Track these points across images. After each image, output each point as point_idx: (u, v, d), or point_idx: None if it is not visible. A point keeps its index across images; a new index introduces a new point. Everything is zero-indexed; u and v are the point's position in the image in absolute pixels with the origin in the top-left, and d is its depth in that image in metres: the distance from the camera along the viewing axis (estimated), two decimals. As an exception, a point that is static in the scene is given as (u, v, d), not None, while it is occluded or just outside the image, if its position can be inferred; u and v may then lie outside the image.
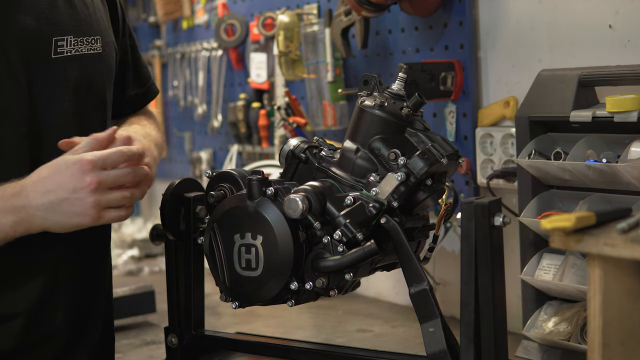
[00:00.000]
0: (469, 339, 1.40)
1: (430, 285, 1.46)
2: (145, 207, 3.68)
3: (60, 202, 1.39)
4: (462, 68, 2.06)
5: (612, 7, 1.79)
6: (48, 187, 1.39)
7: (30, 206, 1.39)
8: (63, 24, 1.53)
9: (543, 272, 1.78)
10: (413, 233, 1.58)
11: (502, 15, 2.02)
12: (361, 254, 1.45)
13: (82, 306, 1.60)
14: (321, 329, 2.15)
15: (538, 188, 1.79)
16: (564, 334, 1.71)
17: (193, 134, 3.22)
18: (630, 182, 1.61)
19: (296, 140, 1.62)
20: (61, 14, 1.53)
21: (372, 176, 1.52)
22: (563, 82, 1.74)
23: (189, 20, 3.13)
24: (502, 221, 1.40)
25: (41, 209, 1.39)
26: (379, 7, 2.06)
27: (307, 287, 1.49)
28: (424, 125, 1.58)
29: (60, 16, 1.53)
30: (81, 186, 1.38)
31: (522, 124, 1.78)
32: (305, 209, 1.46)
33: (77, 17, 1.55)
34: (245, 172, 1.59)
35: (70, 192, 1.38)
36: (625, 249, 1.12)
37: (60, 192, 1.39)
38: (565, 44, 1.89)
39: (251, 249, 1.50)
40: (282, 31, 2.46)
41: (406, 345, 1.96)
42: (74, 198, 1.39)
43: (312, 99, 2.44)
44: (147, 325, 2.25)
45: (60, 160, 1.41)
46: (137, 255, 3.12)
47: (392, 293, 2.37)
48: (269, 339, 1.76)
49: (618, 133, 1.67)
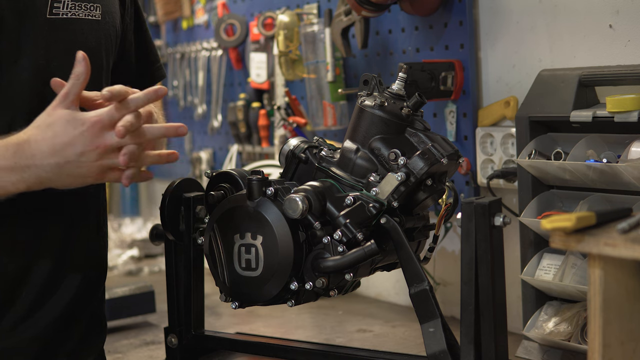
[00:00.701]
0: (469, 339, 1.40)
1: (430, 286, 1.45)
2: (145, 207, 3.68)
3: (66, 164, 1.36)
4: (462, 68, 2.06)
5: (613, 6, 1.79)
6: (54, 147, 1.35)
7: (35, 165, 1.36)
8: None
9: (543, 272, 1.78)
10: (413, 233, 1.58)
11: (503, 15, 2.01)
12: (361, 254, 1.44)
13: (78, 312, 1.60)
14: (321, 329, 2.15)
15: (538, 188, 1.79)
16: (565, 334, 1.71)
17: (193, 134, 3.22)
18: (630, 182, 1.61)
19: (296, 140, 1.62)
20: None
21: (372, 176, 1.52)
22: (563, 82, 1.74)
23: (188, 20, 3.13)
24: (502, 221, 1.40)
25: (46, 169, 1.36)
26: (379, 6, 2.06)
27: (307, 287, 1.49)
28: (424, 125, 1.58)
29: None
30: (89, 149, 1.35)
31: (523, 124, 1.78)
32: (305, 209, 1.45)
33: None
34: (245, 172, 1.59)
35: (77, 155, 1.36)
36: (625, 249, 1.11)
37: (67, 154, 1.36)
38: (566, 44, 1.89)
39: (251, 249, 1.50)
40: (282, 31, 2.46)
41: (406, 346, 1.96)
42: (80, 161, 1.36)
43: (312, 98, 2.43)
44: (146, 326, 2.24)
45: (64, 117, 1.37)
46: (136, 256, 3.11)
47: (392, 293, 2.37)
48: (268, 339, 1.76)
49: (618, 133, 1.67)
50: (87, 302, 1.61)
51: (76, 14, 1.54)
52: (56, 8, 1.51)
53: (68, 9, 1.53)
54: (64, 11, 1.53)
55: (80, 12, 1.55)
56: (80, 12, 1.55)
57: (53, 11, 1.51)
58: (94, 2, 1.57)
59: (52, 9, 1.51)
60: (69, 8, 1.53)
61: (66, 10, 1.53)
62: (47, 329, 1.54)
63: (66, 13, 1.53)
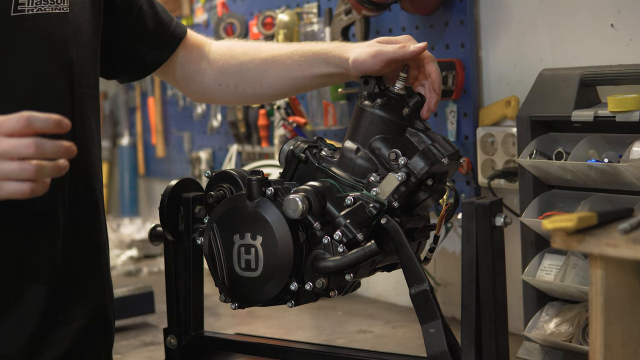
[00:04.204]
0: (470, 340, 1.40)
1: (431, 286, 1.45)
2: (144, 207, 3.68)
3: None
4: (463, 67, 2.05)
5: (614, 5, 1.78)
6: None
7: None
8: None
9: (544, 273, 1.77)
10: (414, 233, 1.57)
11: (504, 14, 2.01)
12: (361, 254, 1.44)
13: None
14: (321, 329, 2.14)
15: (539, 188, 1.79)
16: (566, 335, 1.70)
17: (192, 134, 3.22)
18: (632, 182, 1.60)
19: (296, 140, 1.61)
20: None
21: (373, 176, 1.51)
22: (565, 82, 1.73)
23: (188, 19, 3.13)
24: (503, 221, 1.40)
25: None
26: (380, 6, 2.06)
27: (307, 288, 1.48)
28: (424, 124, 1.57)
29: None
30: None
31: (524, 124, 1.77)
32: (305, 209, 1.45)
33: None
34: (244, 172, 1.58)
35: None
36: (627, 250, 1.11)
37: None
38: (567, 43, 1.88)
39: (251, 250, 1.49)
40: (282, 30, 2.46)
41: (407, 346, 1.95)
42: None
43: (312, 98, 2.43)
44: (146, 326, 2.24)
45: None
46: (136, 256, 3.11)
47: (392, 294, 2.36)
48: (268, 340, 1.75)
49: (620, 133, 1.67)
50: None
51: (42, 8, 1.50)
52: (21, 5, 1.47)
53: (34, 5, 1.49)
54: (30, 7, 1.48)
55: (46, 7, 1.50)
56: (46, 6, 1.50)
57: (18, 8, 1.47)
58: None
59: (17, 6, 1.47)
60: (34, 4, 1.49)
61: (32, 6, 1.48)
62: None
63: (32, 9, 1.48)
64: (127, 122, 3.68)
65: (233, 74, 1.80)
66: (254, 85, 1.78)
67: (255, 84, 1.78)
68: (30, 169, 1.28)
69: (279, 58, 1.74)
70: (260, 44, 1.82)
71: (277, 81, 1.76)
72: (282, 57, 1.74)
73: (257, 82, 1.78)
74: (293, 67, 1.72)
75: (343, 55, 1.64)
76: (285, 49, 1.75)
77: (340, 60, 1.65)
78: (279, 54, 1.75)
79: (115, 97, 3.78)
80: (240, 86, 1.80)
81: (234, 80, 1.80)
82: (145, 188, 3.68)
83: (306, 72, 1.71)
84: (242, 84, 1.79)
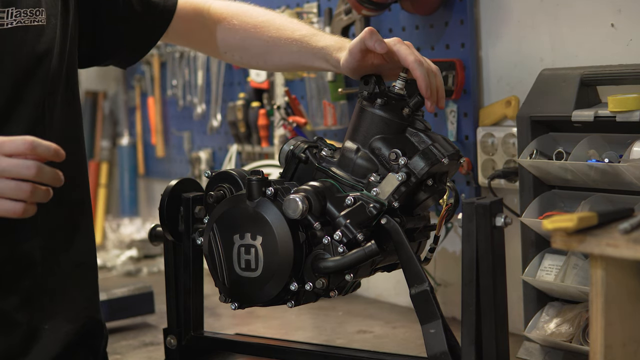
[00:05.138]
0: (470, 340, 1.39)
1: (431, 286, 1.45)
2: (144, 208, 3.68)
3: None
4: (463, 67, 2.05)
5: (615, 5, 1.78)
6: None
7: None
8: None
9: (545, 273, 1.77)
10: (414, 234, 1.57)
11: (504, 14, 2.01)
12: (362, 254, 1.44)
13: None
14: (321, 330, 2.14)
15: (540, 188, 1.79)
16: (566, 335, 1.70)
17: (192, 134, 3.21)
18: (632, 182, 1.60)
19: (296, 140, 1.61)
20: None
21: (373, 176, 1.51)
22: (565, 82, 1.73)
23: (188, 20, 3.12)
24: (503, 222, 1.39)
25: None
26: (380, 5, 2.05)
27: (307, 288, 1.48)
28: (424, 124, 1.57)
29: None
30: None
31: (524, 124, 1.77)
32: (305, 209, 1.45)
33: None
34: (244, 172, 1.58)
35: None
36: (627, 250, 1.11)
37: None
38: (567, 43, 1.88)
39: (251, 250, 1.49)
40: (282, 30, 2.45)
41: (407, 347, 1.95)
42: None
43: (312, 98, 2.43)
44: (145, 327, 2.24)
45: None
46: (135, 256, 3.11)
47: (392, 294, 2.36)
48: (268, 340, 1.75)
49: (620, 133, 1.67)
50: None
51: (22, 21, 1.50)
52: (0, 19, 1.48)
53: (13, 18, 1.49)
54: (9, 20, 1.49)
55: (25, 19, 1.51)
56: (25, 19, 1.51)
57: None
58: (38, 6, 1.53)
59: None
60: (13, 17, 1.49)
61: (11, 20, 1.49)
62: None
63: (11, 22, 1.49)
64: (126, 122, 3.67)
65: (237, 49, 1.84)
66: (257, 60, 1.85)
67: (259, 60, 1.84)
68: (26, 190, 1.31)
69: (280, 42, 1.78)
70: (258, 19, 1.82)
71: (280, 63, 1.82)
72: (282, 44, 1.78)
73: (260, 59, 1.84)
74: (294, 56, 1.76)
75: (339, 55, 1.66)
76: (285, 37, 1.77)
77: (336, 62, 1.67)
78: (279, 41, 1.78)
79: (115, 97, 3.78)
80: (245, 58, 1.86)
81: (239, 53, 1.85)
82: (145, 188, 3.68)
83: (307, 63, 1.76)
84: (246, 57, 1.85)
